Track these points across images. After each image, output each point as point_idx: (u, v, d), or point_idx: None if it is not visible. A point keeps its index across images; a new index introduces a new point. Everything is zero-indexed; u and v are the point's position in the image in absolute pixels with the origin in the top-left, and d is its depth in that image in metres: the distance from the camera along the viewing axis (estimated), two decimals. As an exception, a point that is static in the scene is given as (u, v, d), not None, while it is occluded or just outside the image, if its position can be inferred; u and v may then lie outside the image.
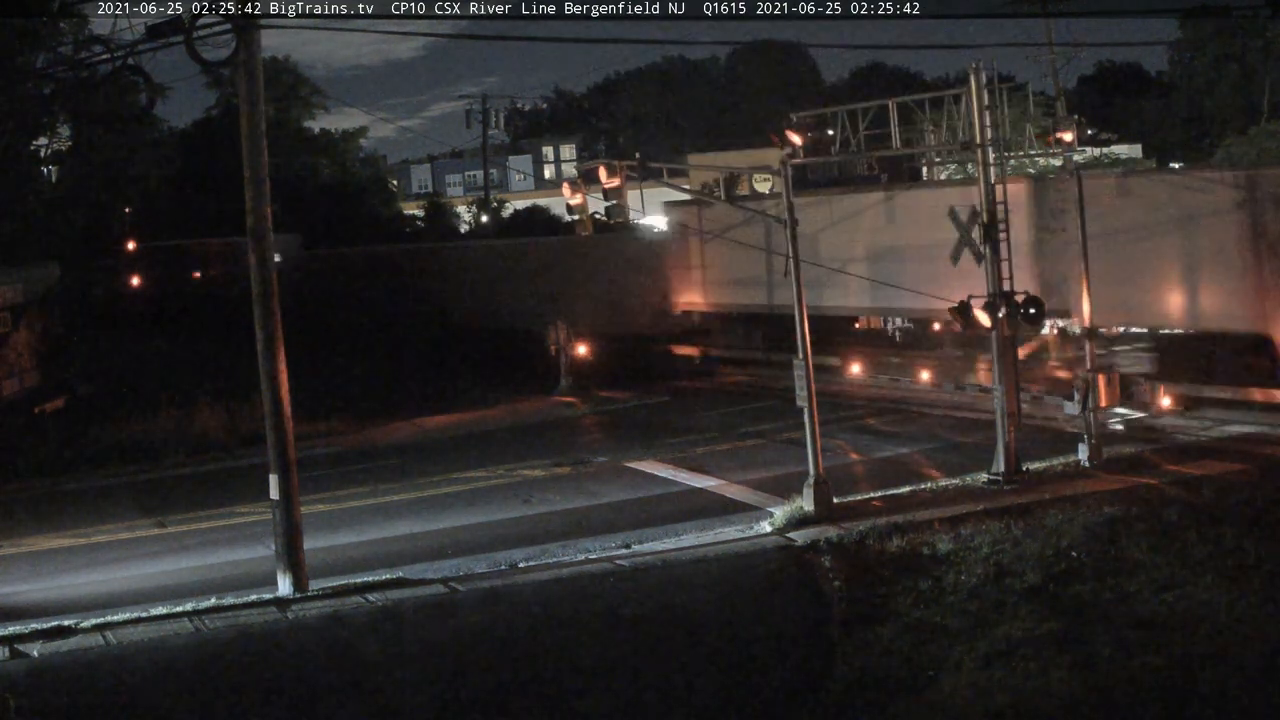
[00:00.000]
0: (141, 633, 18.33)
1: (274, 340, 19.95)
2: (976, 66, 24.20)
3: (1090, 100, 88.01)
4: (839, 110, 29.70)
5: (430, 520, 24.28)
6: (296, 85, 72.23)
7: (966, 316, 24.15)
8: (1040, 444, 26.02)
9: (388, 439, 32.95)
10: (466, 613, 18.69)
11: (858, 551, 20.50)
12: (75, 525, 25.29)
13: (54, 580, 21.77)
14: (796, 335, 23.00)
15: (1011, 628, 16.73)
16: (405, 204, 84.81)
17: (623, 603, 18.85)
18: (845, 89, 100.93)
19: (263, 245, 19.90)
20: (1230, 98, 75.35)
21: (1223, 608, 16.68)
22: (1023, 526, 20.58)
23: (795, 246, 23.20)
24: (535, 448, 30.47)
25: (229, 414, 32.96)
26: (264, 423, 20.19)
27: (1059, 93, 61.75)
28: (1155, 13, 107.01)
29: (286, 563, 19.82)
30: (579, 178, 29.00)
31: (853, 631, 17.33)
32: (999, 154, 24.58)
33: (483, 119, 65.94)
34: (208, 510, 25.94)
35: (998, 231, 24.17)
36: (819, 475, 22.56)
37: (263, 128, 19.89)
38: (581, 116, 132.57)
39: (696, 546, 21.54)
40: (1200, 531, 19.48)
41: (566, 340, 37.96)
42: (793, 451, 26.12)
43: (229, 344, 40.87)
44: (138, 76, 19.86)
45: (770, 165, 28.14)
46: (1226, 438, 26.07)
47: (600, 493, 25.76)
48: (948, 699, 15.11)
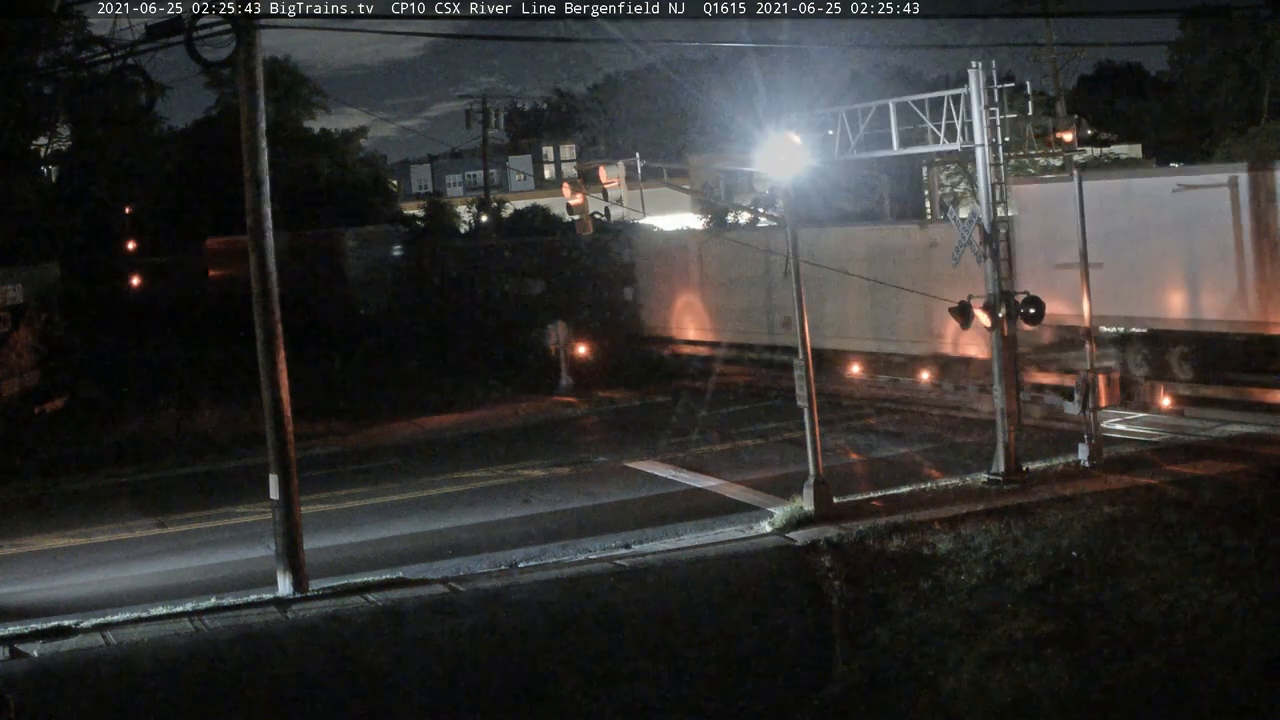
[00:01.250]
0: (141, 633, 18.33)
1: (274, 340, 19.95)
2: (977, 66, 24.21)
3: (1090, 100, 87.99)
4: (839, 110, 29.68)
5: (430, 520, 24.28)
6: (296, 85, 72.10)
7: (966, 316, 24.17)
8: (1040, 444, 26.02)
9: (388, 439, 32.95)
10: (466, 613, 18.69)
11: (858, 551, 20.49)
12: (75, 525, 25.29)
13: (54, 580, 21.77)
14: (796, 335, 23.02)
15: (1011, 628, 16.74)
16: (405, 204, 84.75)
17: (622, 603, 18.85)
18: (845, 89, 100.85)
19: (263, 245, 19.91)
20: (1230, 98, 75.34)
21: (1223, 608, 16.68)
22: (1023, 526, 20.57)
23: (795, 249, 23.25)
24: (535, 448, 30.47)
25: (229, 414, 32.96)
26: (264, 423, 20.19)
27: (1059, 93, 61.75)
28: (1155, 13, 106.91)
29: (286, 563, 19.81)
30: (579, 178, 29.00)
31: (853, 631, 17.35)
32: (999, 154, 24.57)
33: (483, 119, 65.77)
34: (208, 510, 25.94)
35: (997, 232, 24.17)
36: (819, 475, 22.56)
37: (263, 128, 19.89)
38: (581, 116, 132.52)
39: (696, 546, 21.54)
40: (1200, 531, 19.48)
41: (566, 340, 37.98)
42: (793, 451, 26.13)
43: (229, 344, 40.87)
44: (138, 76, 19.87)
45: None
46: (1226, 438, 26.06)
47: (600, 493, 25.76)
48: (948, 699, 15.12)
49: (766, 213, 40.72)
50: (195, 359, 43.63)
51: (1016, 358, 24.85)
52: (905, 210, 46.28)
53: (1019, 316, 23.98)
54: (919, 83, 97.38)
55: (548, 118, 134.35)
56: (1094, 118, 67.30)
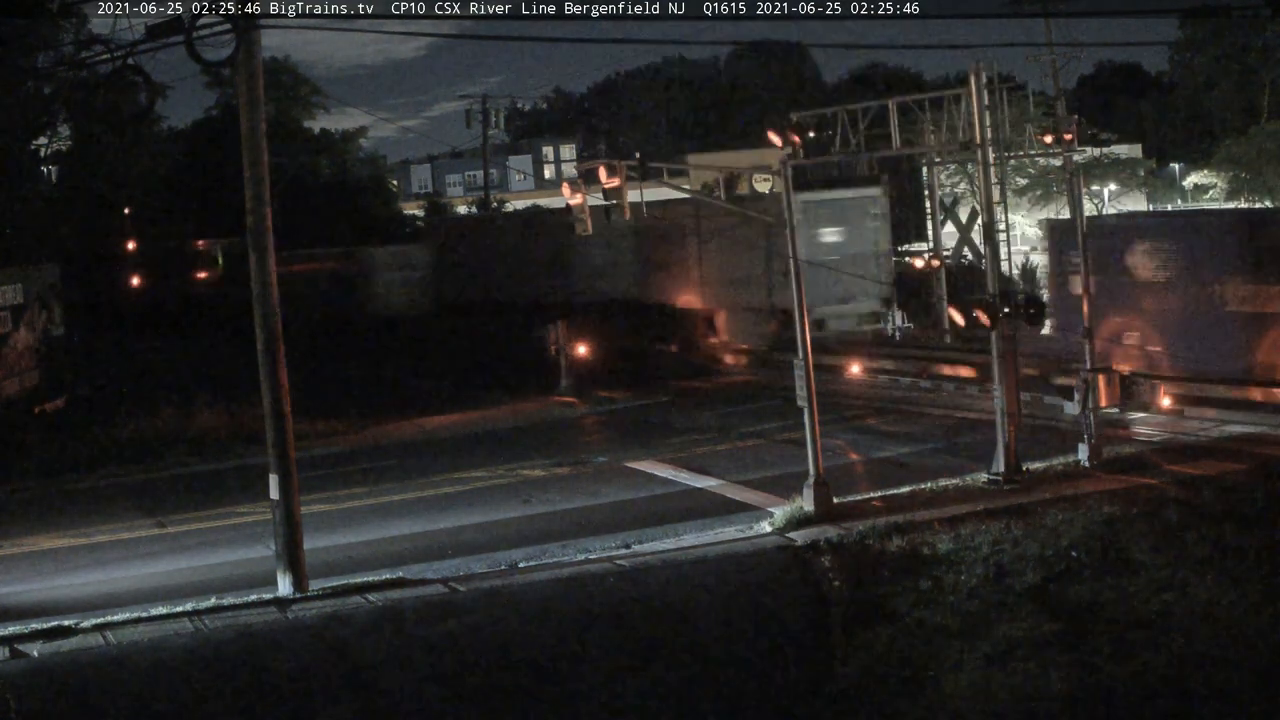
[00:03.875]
0: (141, 633, 18.31)
1: (274, 339, 19.93)
2: (976, 66, 24.19)
3: (1090, 100, 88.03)
4: (839, 110, 29.67)
5: (430, 520, 24.27)
6: (296, 85, 72.16)
7: (966, 316, 24.16)
8: (1040, 444, 26.02)
9: (388, 439, 32.94)
10: (466, 613, 18.68)
11: (858, 552, 20.48)
12: (75, 525, 25.26)
13: (54, 580, 21.75)
14: (797, 334, 23.01)
15: (1011, 628, 16.74)
16: (405, 204, 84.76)
17: (623, 603, 18.84)
18: (845, 89, 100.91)
19: (263, 245, 19.90)
20: (1230, 98, 75.42)
21: (1223, 608, 16.69)
22: (1023, 526, 20.57)
23: (795, 246, 23.22)
24: (535, 448, 30.46)
25: (229, 414, 32.94)
26: (264, 422, 20.19)
27: (1059, 93, 61.71)
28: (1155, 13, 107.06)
29: (286, 563, 19.80)
30: (579, 178, 28.93)
31: (853, 631, 17.35)
32: (999, 154, 24.58)
33: (483, 119, 65.82)
34: (208, 510, 25.92)
35: (996, 232, 24.17)
36: (819, 475, 22.55)
37: (262, 128, 19.87)
38: (581, 116, 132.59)
39: (696, 546, 21.53)
40: (1200, 531, 19.48)
41: (566, 340, 37.95)
42: (793, 451, 26.12)
43: (229, 344, 40.84)
44: (138, 76, 19.81)
45: (770, 165, 28.09)
46: (1226, 438, 26.06)
47: (600, 493, 25.75)
48: (948, 699, 15.12)
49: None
50: (195, 359, 43.64)
51: (1016, 357, 24.85)
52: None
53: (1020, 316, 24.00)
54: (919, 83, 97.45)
55: (548, 118, 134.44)
56: (1094, 118, 67.34)
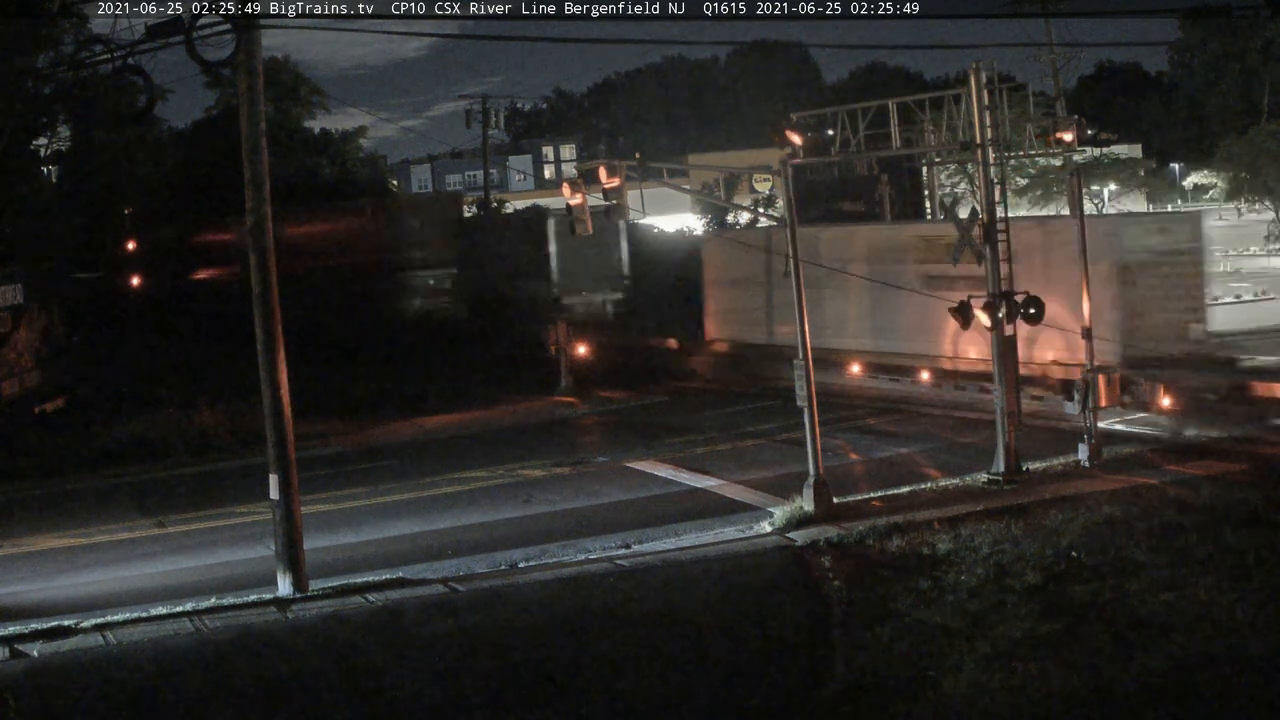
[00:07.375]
0: (141, 633, 18.32)
1: (274, 339, 19.94)
2: (976, 66, 24.20)
3: (1090, 100, 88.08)
4: (839, 110, 29.69)
5: (430, 520, 24.27)
6: (296, 85, 72.12)
7: (966, 316, 24.16)
8: (1040, 444, 26.02)
9: (388, 439, 32.95)
10: (466, 613, 18.68)
11: (858, 552, 20.50)
12: (75, 525, 25.27)
13: (54, 580, 21.76)
14: (797, 334, 23.02)
15: (1011, 628, 16.72)
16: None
17: (623, 603, 18.84)
18: (845, 89, 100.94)
19: (263, 245, 19.90)
20: (1230, 98, 75.41)
21: (1223, 608, 16.68)
22: (1023, 526, 20.57)
23: (795, 247, 23.22)
24: (535, 448, 30.46)
25: (229, 414, 32.94)
26: (264, 423, 20.19)
27: (1059, 93, 61.75)
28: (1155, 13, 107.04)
29: (286, 563, 19.81)
30: (579, 178, 28.94)
31: (852, 631, 17.33)
32: (999, 154, 24.57)
33: (483, 119, 65.68)
34: (208, 510, 25.93)
35: (997, 231, 24.17)
36: (819, 475, 22.55)
37: (263, 128, 19.88)
38: (581, 116, 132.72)
39: (696, 546, 21.54)
40: (1200, 531, 19.48)
41: (566, 340, 37.96)
42: (792, 451, 26.12)
43: (229, 344, 40.87)
44: (138, 76, 19.80)
45: (770, 165, 28.10)
46: (1226, 438, 26.05)
47: (600, 493, 25.75)
48: (948, 699, 15.11)
49: (765, 213, 40.74)
50: (195, 358, 43.65)
51: (1016, 357, 24.86)
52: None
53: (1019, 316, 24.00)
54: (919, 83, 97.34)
55: (547, 118, 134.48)
56: (1094, 118, 67.37)
